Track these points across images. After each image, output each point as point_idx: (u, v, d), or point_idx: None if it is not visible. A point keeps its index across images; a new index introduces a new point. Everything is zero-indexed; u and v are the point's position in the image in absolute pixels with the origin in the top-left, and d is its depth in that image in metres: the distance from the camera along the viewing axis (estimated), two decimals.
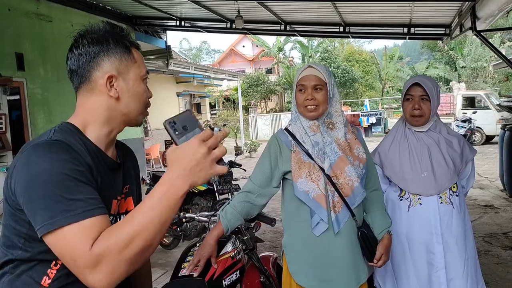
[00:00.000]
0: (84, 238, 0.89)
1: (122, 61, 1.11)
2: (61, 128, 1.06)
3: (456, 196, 2.15)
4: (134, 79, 1.13)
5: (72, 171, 0.95)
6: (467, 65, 24.86)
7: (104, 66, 1.10)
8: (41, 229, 0.91)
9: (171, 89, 16.95)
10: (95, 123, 1.11)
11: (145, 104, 1.17)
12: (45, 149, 0.97)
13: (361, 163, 1.86)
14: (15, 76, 5.90)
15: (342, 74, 26.61)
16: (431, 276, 2.11)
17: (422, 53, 36.27)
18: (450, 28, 8.25)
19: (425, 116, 2.14)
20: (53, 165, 0.94)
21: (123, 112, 1.13)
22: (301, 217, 1.82)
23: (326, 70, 1.87)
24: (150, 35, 10.29)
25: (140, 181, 1.36)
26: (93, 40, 1.10)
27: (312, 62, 2.03)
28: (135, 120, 1.17)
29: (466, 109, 15.30)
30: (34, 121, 6.40)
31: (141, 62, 1.16)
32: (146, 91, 1.17)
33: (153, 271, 4.16)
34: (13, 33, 6.15)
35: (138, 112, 1.16)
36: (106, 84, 1.09)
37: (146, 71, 1.17)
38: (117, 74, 1.10)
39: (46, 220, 0.91)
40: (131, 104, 1.13)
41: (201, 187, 4.76)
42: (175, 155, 0.90)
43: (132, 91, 1.13)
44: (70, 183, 0.93)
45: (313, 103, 1.81)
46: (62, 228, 0.90)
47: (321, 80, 1.82)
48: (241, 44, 37.60)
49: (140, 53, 1.19)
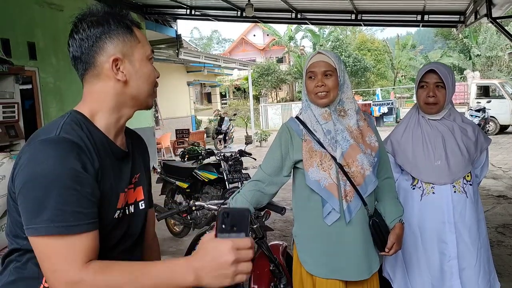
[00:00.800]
0: (68, 254, 0.90)
1: (126, 42, 1.07)
2: (70, 119, 1.04)
3: (470, 185, 2.12)
4: (140, 59, 1.09)
5: (72, 178, 0.93)
6: (481, 53, 24.42)
7: (108, 49, 1.05)
8: (26, 231, 0.92)
9: (182, 78, 16.97)
10: (103, 110, 1.08)
11: (153, 84, 1.14)
12: (51, 149, 0.94)
13: (373, 151, 1.84)
14: (27, 65, 5.95)
15: (354, 63, 26.33)
16: (443, 266, 2.09)
17: (436, 41, 35.64)
18: (464, 15, 8.08)
19: (439, 103, 2.10)
20: (55, 169, 0.92)
21: (132, 96, 1.10)
22: (312, 206, 1.81)
23: (335, 56, 1.84)
24: (161, 24, 10.27)
25: (150, 170, 1.34)
26: (93, 23, 1.05)
27: (322, 49, 1.97)
28: (145, 103, 1.14)
29: (480, 98, 15.05)
30: (46, 110, 6.46)
31: (144, 41, 1.12)
32: (153, 70, 1.13)
33: (163, 259, 4.20)
34: (25, 22, 6.18)
35: (147, 94, 1.13)
36: (112, 67, 1.05)
37: (151, 50, 1.13)
38: (122, 56, 1.06)
39: (31, 223, 0.91)
40: (140, 86, 1.10)
41: (211, 176, 4.77)
42: (206, 246, 0.86)
43: (139, 72, 1.09)
44: (67, 191, 0.92)
45: (323, 89, 1.78)
46: (45, 236, 0.90)
47: (331, 66, 1.79)
48: (251, 33, 37.38)
49: (142, 32, 1.14)
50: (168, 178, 5.23)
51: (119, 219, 1.09)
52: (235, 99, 30.81)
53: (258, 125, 21.02)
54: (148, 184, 1.29)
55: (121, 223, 1.11)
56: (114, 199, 1.07)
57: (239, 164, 4.84)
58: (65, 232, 0.90)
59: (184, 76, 17.23)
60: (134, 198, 1.18)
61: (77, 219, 0.92)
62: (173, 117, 15.79)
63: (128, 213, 1.15)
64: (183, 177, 5.01)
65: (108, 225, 1.05)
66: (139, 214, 1.20)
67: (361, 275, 1.80)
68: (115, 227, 1.08)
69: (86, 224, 0.93)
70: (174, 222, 5.09)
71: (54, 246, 0.90)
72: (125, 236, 1.13)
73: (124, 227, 1.12)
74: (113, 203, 1.06)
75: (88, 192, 0.96)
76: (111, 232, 1.07)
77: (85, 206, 0.94)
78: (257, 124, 21.05)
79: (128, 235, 1.14)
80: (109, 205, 1.05)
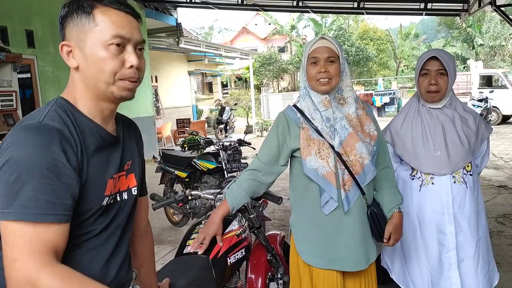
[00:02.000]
0: (32, 243, 0.88)
1: (79, 27, 1.01)
2: (56, 105, 1.01)
3: (470, 175, 2.09)
4: (92, 45, 1.00)
5: (50, 166, 0.90)
6: (485, 43, 24.24)
7: (66, 34, 1.03)
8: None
9: (182, 67, 16.90)
10: (81, 97, 1.05)
11: (111, 73, 1.01)
12: (32, 135, 0.92)
13: (372, 140, 1.81)
14: (25, 53, 5.91)
15: (356, 52, 26.14)
16: (441, 257, 2.07)
17: (439, 30, 35.38)
18: (468, 3, 7.97)
19: (441, 91, 2.05)
20: (33, 155, 0.89)
21: (92, 84, 1.03)
22: (310, 196, 1.78)
23: (337, 42, 1.80)
24: (161, 12, 10.19)
25: (144, 158, 1.31)
26: (63, 6, 1.03)
27: (325, 34, 1.92)
28: (110, 93, 1.04)
29: (483, 88, 14.96)
30: (45, 98, 6.43)
31: (108, 24, 1.00)
32: (110, 58, 1.01)
33: (162, 248, 4.20)
34: (23, 10, 6.13)
35: (105, 83, 1.02)
36: (63, 54, 1.03)
37: (114, 35, 1.00)
38: (75, 42, 1.01)
39: (2, 207, 0.88)
40: (93, 74, 1.02)
41: (210, 165, 4.75)
42: None
43: (90, 59, 1.01)
44: (43, 179, 0.89)
45: (326, 75, 1.73)
46: (13, 221, 0.88)
47: (334, 52, 1.75)
48: (253, 23, 37.15)
49: (119, 11, 1.03)
50: (167, 167, 5.21)
51: (108, 205, 1.07)
52: (236, 88, 30.69)
53: (259, 114, 20.98)
54: (142, 171, 1.27)
55: (110, 209, 1.09)
56: (101, 186, 1.04)
57: (238, 153, 4.81)
58: (35, 219, 0.88)
59: (185, 65, 17.15)
60: (127, 185, 1.17)
61: (49, 208, 0.89)
62: (174, 106, 15.76)
63: (121, 200, 1.14)
64: (182, 167, 4.99)
65: (96, 212, 1.04)
66: (130, 200, 1.18)
67: (358, 265, 1.78)
68: (102, 214, 1.06)
69: (57, 214, 0.91)
70: (173, 212, 5.09)
71: (20, 233, 0.87)
72: (112, 223, 1.10)
73: (112, 214, 1.10)
74: (100, 189, 1.04)
75: (66, 183, 0.93)
76: (97, 219, 1.05)
77: (60, 196, 0.92)
78: (258, 114, 21.01)
79: (115, 223, 1.12)
80: (95, 192, 1.03)
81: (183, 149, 5.50)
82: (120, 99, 1.06)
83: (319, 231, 1.79)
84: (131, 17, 1.05)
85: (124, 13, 1.03)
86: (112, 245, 1.10)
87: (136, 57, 1.04)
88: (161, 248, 4.17)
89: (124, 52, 1.02)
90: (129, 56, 1.03)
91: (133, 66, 1.03)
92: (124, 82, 1.04)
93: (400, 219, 1.87)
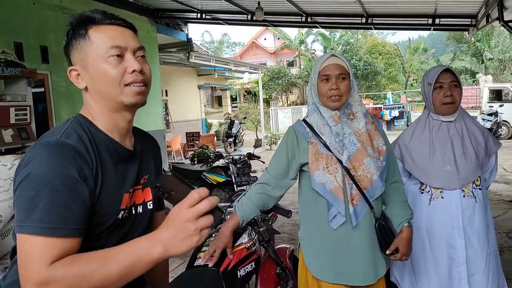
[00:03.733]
0: (44, 254, 0.90)
1: (79, 50, 1.07)
2: (75, 122, 1.07)
3: (479, 189, 2.09)
4: (93, 62, 1.06)
5: (65, 182, 0.95)
6: (494, 57, 24.14)
7: (72, 61, 1.10)
8: (15, 228, 0.94)
9: (192, 81, 17.06)
10: (96, 115, 1.10)
11: (116, 82, 1.06)
12: (49, 152, 0.97)
13: (381, 155, 1.82)
14: (39, 68, 6.03)
15: (365, 66, 26.21)
16: (451, 271, 2.06)
17: (448, 45, 35.32)
18: (476, 19, 8.00)
19: (456, 103, 2.08)
20: (48, 171, 0.94)
21: (102, 98, 1.08)
22: (318, 210, 1.80)
23: (347, 60, 1.85)
24: (172, 28, 10.35)
25: (161, 171, 1.33)
26: (63, 38, 1.10)
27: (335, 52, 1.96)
28: (121, 103, 1.08)
29: (493, 102, 14.86)
30: (58, 113, 6.54)
31: (102, 39, 1.05)
32: (111, 68, 1.05)
33: (173, 260, 4.21)
34: (37, 26, 6.28)
35: (113, 93, 1.07)
36: (72, 78, 1.09)
37: (109, 46, 1.05)
38: (79, 65, 1.08)
39: (19, 221, 0.93)
40: (100, 89, 1.07)
41: (220, 179, 4.78)
42: (166, 218, 0.89)
43: (93, 75, 1.06)
44: (57, 194, 0.93)
45: (337, 93, 1.77)
46: (29, 234, 0.91)
47: (344, 70, 1.79)
48: (262, 37, 37.49)
49: (111, 26, 1.08)
50: None
51: (123, 219, 1.10)
52: (245, 102, 30.84)
53: (268, 128, 21.02)
54: None
55: (125, 223, 1.12)
56: (117, 199, 1.08)
57: (248, 167, 4.84)
58: (50, 233, 0.91)
59: (195, 79, 17.31)
60: (143, 199, 1.19)
61: (64, 223, 0.93)
62: (183, 120, 15.87)
63: (135, 213, 1.16)
64: (192, 180, 5.03)
65: (111, 226, 1.07)
66: (146, 214, 1.20)
67: (367, 280, 1.78)
68: (117, 227, 1.09)
69: (71, 229, 0.95)
70: None
71: (35, 245, 0.91)
72: (126, 237, 1.12)
73: (126, 228, 1.13)
74: (116, 203, 1.07)
75: (79, 198, 0.97)
76: (111, 233, 1.08)
77: (74, 211, 0.96)
78: (267, 127, 21.05)
79: (129, 237, 1.12)
80: (111, 205, 1.06)
81: (193, 163, 5.55)
82: (132, 106, 1.09)
83: (327, 245, 1.80)
84: (124, 28, 1.10)
85: (116, 26, 1.08)
86: None
87: (137, 62, 1.07)
88: (171, 261, 4.16)
89: (124, 61, 1.06)
90: (129, 62, 1.06)
91: (135, 71, 1.06)
92: (130, 88, 1.07)
93: (410, 234, 1.85)
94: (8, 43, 5.72)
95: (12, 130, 4.25)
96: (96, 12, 1.07)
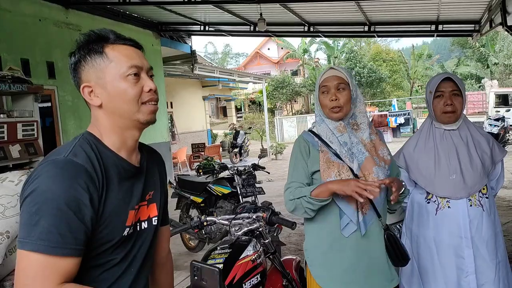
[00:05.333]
0: (46, 274, 0.92)
1: (95, 67, 1.08)
2: (83, 139, 1.08)
3: (486, 198, 2.08)
4: (111, 80, 1.08)
5: (68, 202, 0.96)
6: (499, 61, 24.07)
7: (82, 77, 1.09)
8: (17, 243, 0.96)
9: (197, 93, 17.16)
10: (105, 132, 1.11)
11: (134, 101, 1.09)
12: (55, 170, 0.98)
13: (386, 164, 1.84)
14: (46, 84, 6.12)
15: (369, 74, 26.22)
16: (460, 282, 2.04)
17: (453, 50, 35.30)
18: (479, 24, 8.00)
19: (457, 112, 2.07)
20: (53, 189, 0.95)
21: (117, 116, 1.10)
22: (329, 219, 1.79)
23: (347, 71, 1.87)
24: (176, 41, 10.46)
25: (166, 187, 1.34)
26: (70, 55, 1.11)
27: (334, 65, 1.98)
28: (136, 121, 1.11)
29: (499, 107, 14.80)
30: (65, 127, 6.61)
31: (120, 58, 1.09)
32: (130, 87, 1.08)
33: (179, 274, 4.20)
34: (44, 42, 6.38)
35: (130, 112, 1.10)
36: (85, 95, 1.10)
37: (129, 66, 1.09)
38: (94, 82, 1.08)
39: (21, 237, 0.95)
40: (118, 107, 1.09)
41: (225, 190, 4.78)
42: None
43: (112, 93, 1.08)
44: (60, 213, 0.94)
45: (336, 103, 1.80)
46: (28, 251, 0.93)
47: (343, 80, 1.82)
48: (266, 47, 37.68)
49: (131, 46, 1.12)
50: (183, 192, 5.26)
51: (128, 236, 1.10)
52: (250, 112, 30.92)
53: (273, 138, 21.03)
54: (164, 201, 1.29)
55: (130, 239, 1.12)
56: (123, 217, 1.08)
57: (253, 178, 4.84)
58: (49, 252, 0.93)
59: (200, 90, 17.41)
60: (148, 215, 1.19)
61: (64, 242, 0.94)
62: (189, 131, 15.93)
63: (140, 229, 1.16)
64: (198, 192, 5.03)
65: (116, 242, 1.07)
66: (151, 230, 1.20)
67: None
68: (123, 243, 1.09)
69: (71, 249, 0.96)
70: (189, 237, 5.10)
71: (34, 263, 0.93)
72: (130, 252, 1.13)
73: (131, 243, 1.13)
74: (122, 220, 1.08)
75: (82, 219, 0.98)
76: (116, 249, 1.08)
77: (75, 231, 0.96)
78: (272, 137, 21.06)
79: (134, 252, 1.14)
80: (116, 223, 1.06)
81: (198, 174, 5.56)
82: (146, 124, 1.13)
83: (337, 254, 1.79)
84: (136, 49, 1.14)
85: (130, 46, 1.12)
86: (131, 276, 1.13)
87: (152, 81, 1.13)
88: (177, 274, 4.17)
89: (140, 80, 1.10)
90: (146, 81, 1.11)
91: (152, 90, 1.11)
92: (147, 106, 1.11)
93: (399, 181, 1.75)
94: (15, 59, 5.81)
95: (19, 146, 4.28)
96: (110, 32, 1.11)
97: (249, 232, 2.18)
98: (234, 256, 2.00)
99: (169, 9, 8.08)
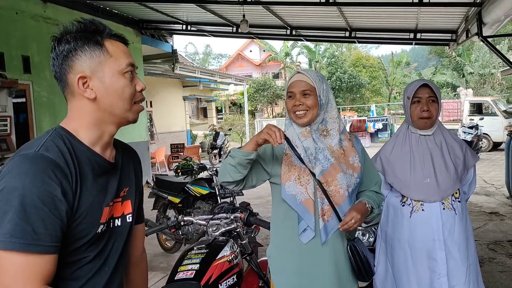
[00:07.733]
0: (24, 273, 0.90)
1: (94, 59, 1.05)
2: (55, 134, 1.04)
3: (458, 202, 2.13)
4: (111, 75, 1.06)
5: (41, 197, 0.92)
6: (474, 71, 24.74)
7: (75, 67, 1.05)
8: None
9: (177, 93, 17.03)
10: (84, 126, 1.08)
11: (130, 99, 1.09)
12: (26, 165, 0.95)
13: (355, 172, 1.78)
14: (21, 78, 5.96)
15: (349, 79, 26.56)
16: (433, 283, 2.08)
17: (430, 59, 36.13)
18: (456, 34, 8.21)
19: (433, 118, 2.12)
20: (25, 185, 0.92)
21: (107, 112, 1.08)
22: (288, 224, 1.74)
23: (316, 76, 1.81)
24: (157, 39, 10.36)
25: (142, 185, 1.31)
26: (62, 41, 1.05)
27: (302, 69, 1.94)
28: (125, 118, 1.11)
29: (473, 116, 15.18)
30: (39, 124, 6.45)
31: (119, 54, 1.08)
32: (128, 85, 1.09)
33: (154, 274, 4.15)
34: (20, 36, 6.22)
35: (123, 109, 1.09)
36: (79, 85, 1.05)
37: (128, 63, 1.09)
38: (90, 73, 1.05)
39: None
40: (113, 103, 1.07)
41: (203, 191, 4.75)
42: None
43: (110, 88, 1.06)
44: (33, 209, 0.91)
45: (301, 108, 1.75)
46: (2, 250, 0.89)
47: (309, 85, 1.76)
48: (248, 49, 37.72)
49: (122, 43, 1.11)
50: (161, 192, 5.20)
51: (102, 233, 1.08)
52: (231, 114, 30.89)
53: None
54: (139, 198, 1.27)
55: (104, 236, 1.10)
56: (97, 214, 1.05)
57: None
58: (22, 249, 0.90)
59: (180, 90, 17.29)
60: (122, 212, 1.17)
61: (38, 239, 0.91)
62: (168, 131, 15.79)
63: (113, 226, 1.14)
64: (176, 192, 4.99)
65: (90, 239, 1.04)
66: (125, 227, 1.18)
67: None
68: (97, 240, 1.07)
69: (45, 246, 0.93)
70: (166, 238, 5.04)
71: (9, 262, 0.89)
72: (104, 250, 1.11)
73: (104, 240, 1.10)
74: (96, 217, 1.05)
75: (56, 215, 0.95)
76: (90, 246, 1.06)
77: (50, 227, 0.93)
78: None
79: (108, 250, 1.12)
80: (90, 220, 1.04)
81: (177, 175, 5.51)
82: (132, 122, 1.13)
83: (295, 261, 1.73)
84: (126, 46, 1.14)
85: (124, 44, 1.12)
86: (106, 275, 1.10)
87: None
88: (153, 274, 4.12)
89: (133, 79, 1.11)
90: (137, 81, 1.12)
91: (143, 89, 1.13)
92: (138, 106, 1.13)
93: (364, 208, 1.72)
94: None
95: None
96: (105, 26, 1.09)
97: (227, 233, 2.17)
98: (211, 257, 1.98)
99: (150, 6, 7.99)
